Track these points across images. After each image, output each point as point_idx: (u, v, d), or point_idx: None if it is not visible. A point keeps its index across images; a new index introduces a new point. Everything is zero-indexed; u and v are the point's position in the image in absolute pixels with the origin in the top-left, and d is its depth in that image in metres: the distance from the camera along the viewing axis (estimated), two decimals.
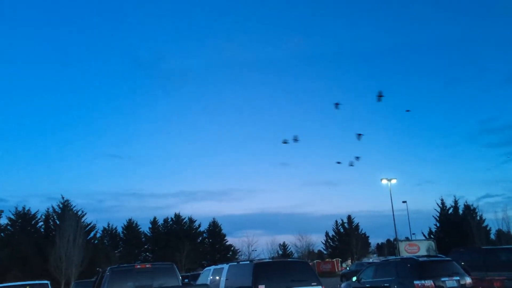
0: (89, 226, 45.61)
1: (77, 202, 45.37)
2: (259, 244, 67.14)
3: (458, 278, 11.33)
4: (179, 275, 10.92)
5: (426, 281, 10.88)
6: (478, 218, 45.63)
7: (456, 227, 46.20)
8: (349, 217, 62.20)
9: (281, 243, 64.15)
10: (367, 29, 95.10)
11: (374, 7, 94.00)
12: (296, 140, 29.37)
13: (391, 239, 60.94)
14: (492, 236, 47.22)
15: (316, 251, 64.25)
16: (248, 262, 10.33)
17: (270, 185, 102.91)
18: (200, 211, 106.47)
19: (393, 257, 25.38)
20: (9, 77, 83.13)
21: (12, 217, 43.62)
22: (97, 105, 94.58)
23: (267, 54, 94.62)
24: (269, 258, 13.40)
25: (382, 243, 76.04)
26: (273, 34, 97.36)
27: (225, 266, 11.23)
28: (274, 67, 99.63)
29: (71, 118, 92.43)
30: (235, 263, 11.18)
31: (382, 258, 26.48)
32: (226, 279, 10.72)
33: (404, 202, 45.60)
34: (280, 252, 61.92)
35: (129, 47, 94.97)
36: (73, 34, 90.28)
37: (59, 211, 43.55)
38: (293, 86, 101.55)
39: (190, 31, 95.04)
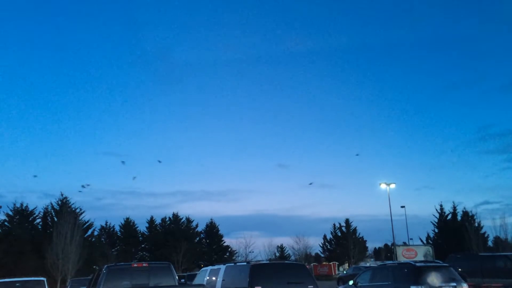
0: (87, 224, 45.56)
1: (75, 200, 45.22)
2: (256, 246, 67.15)
3: (455, 284, 11.32)
4: (176, 275, 10.89)
5: (422, 287, 10.88)
6: (476, 224, 45.60)
7: (454, 233, 46.18)
8: (347, 221, 62.18)
9: (279, 245, 64.13)
10: (366, 33, 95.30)
11: (374, 10, 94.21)
12: None
13: (389, 243, 60.88)
14: (490, 243, 47.28)
15: (313, 254, 64.27)
16: (245, 263, 10.34)
17: (268, 187, 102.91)
18: (198, 211, 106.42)
19: (390, 261, 25.38)
20: (8, 73, 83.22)
21: (10, 213, 43.61)
22: (95, 102, 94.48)
23: (268, 52, 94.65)
24: (266, 260, 13.40)
25: (379, 247, 76.09)
26: (277, 31, 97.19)
27: (222, 267, 11.22)
28: (274, 66, 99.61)
29: (70, 115, 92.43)
30: (232, 264, 11.17)
31: (379, 263, 26.45)
32: (222, 280, 10.71)
33: (402, 207, 45.63)
34: (278, 254, 61.84)
35: (130, 43, 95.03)
36: (73, 30, 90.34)
37: (57, 208, 43.53)
38: (293, 86, 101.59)
39: (194, 26, 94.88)
